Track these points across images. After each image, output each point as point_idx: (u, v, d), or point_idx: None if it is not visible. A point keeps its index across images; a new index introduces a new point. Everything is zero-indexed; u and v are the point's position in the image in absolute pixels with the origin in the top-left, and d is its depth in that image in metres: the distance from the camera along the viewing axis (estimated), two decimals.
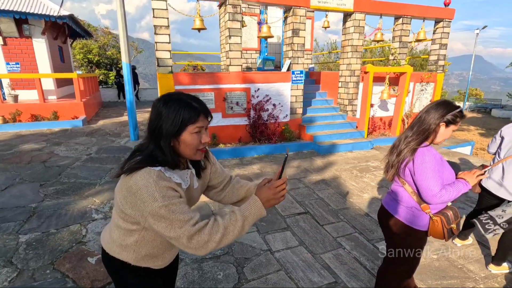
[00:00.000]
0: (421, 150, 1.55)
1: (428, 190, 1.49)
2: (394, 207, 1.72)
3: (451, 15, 7.32)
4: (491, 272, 2.50)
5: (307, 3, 5.99)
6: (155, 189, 0.96)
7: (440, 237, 1.57)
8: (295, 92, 6.44)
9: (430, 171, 1.49)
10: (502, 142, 2.36)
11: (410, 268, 1.80)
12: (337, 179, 4.66)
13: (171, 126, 1.00)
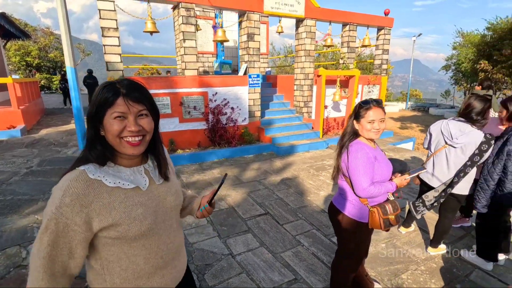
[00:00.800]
0: (354, 147, 1.69)
1: (358, 184, 1.65)
2: (340, 202, 1.85)
3: (391, 24, 8.05)
4: (430, 254, 2.79)
5: (260, 9, 6.14)
6: (61, 193, 0.83)
7: (377, 227, 1.71)
8: (252, 96, 6.53)
9: (361, 167, 1.64)
10: (431, 138, 2.66)
11: (358, 259, 1.95)
12: (295, 179, 4.82)
13: (92, 108, 0.89)
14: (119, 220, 0.89)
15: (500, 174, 2.26)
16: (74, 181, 0.85)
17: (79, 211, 0.84)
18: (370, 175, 1.65)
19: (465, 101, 2.45)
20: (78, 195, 0.84)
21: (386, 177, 1.74)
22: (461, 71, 15.87)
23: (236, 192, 4.22)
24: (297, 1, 6.56)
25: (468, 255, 2.71)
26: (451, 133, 2.41)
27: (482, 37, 12.72)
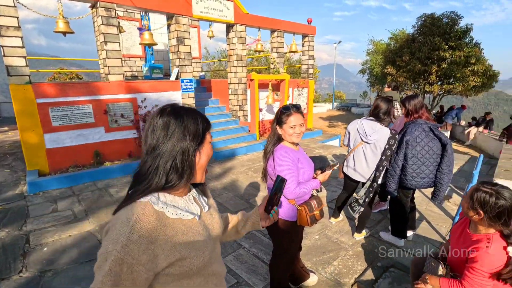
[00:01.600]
0: (278, 152, 1.78)
1: (286, 188, 1.73)
2: None
3: (314, 31, 8.77)
4: (356, 239, 3.12)
5: (189, 13, 6.03)
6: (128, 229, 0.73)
7: (305, 224, 1.84)
8: (186, 101, 6.36)
9: (287, 170, 1.74)
10: (350, 136, 2.99)
11: (293, 256, 2.07)
12: (235, 183, 4.86)
13: (196, 135, 0.85)
14: (185, 253, 0.82)
15: (402, 160, 2.66)
16: (142, 215, 0.76)
17: (146, 249, 0.75)
18: (295, 177, 1.76)
19: (374, 103, 2.83)
20: (147, 230, 0.76)
21: (310, 176, 1.88)
22: (374, 75, 18.21)
23: None
24: (226, 6, 6.65)
25: (385, 235, 3.11)
26: (365, 131, 2.74)
27: (387, 46, 14.83)
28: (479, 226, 1.55)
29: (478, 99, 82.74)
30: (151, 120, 0.84)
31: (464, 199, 1.61)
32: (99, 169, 4.99)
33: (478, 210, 1.47)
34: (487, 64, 10.17)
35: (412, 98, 2.75)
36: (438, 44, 10.17)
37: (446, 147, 2.55)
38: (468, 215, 1.56)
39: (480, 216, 1.48)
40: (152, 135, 0.83)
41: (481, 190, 1.48)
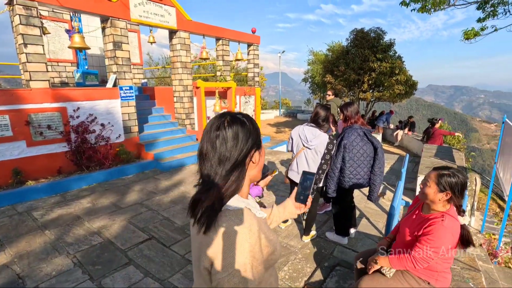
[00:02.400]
0: None
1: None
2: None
3: (258, 41, 9.00)
4: (304, 242, 3.21)
5: (127, 16, 5.67)
6: (253, 239, 0.83)
7: None
8: (127, 110, 5.92)
9: None
10: (293, 142, 3.10)
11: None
12: (183, 194, 4.64)
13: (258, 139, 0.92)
14: (274, 245, 0.91)
15: (341, 163, 2.84)
16: (250, 221, 0.84)
17: (260, 248, 0.85)
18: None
19: (314, 110, 2.98)
20: (257, 232, 0.84)
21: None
22: (315, 83, 19.44)
23: (113, 221, 3.68)
24: (168, 12, 6.43)
25: (330, 235, 3.26)
26: (306, 137, 2.87)
27: (326, 56, 16.01)
28: (434, 206, 1.72)
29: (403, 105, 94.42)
30: (218, 132, 0.86)
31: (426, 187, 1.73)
32: (19, 190, 4.31)
33: (447, 191, 1.65)
34: (408, 75, 11.63)
35: (349, 105, 2.97)
36: (368, 56, 11.32)
37: (377, 150, 2.79)
38: (435, 199, 1.69)
39: (448, 196, 1.66)
40: (224, 146, 0.86)
41: (444, 175, 1.67)
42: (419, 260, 1.64)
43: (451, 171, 1.68)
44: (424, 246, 1.64)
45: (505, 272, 3.81)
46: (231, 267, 0.78)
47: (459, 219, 1.71)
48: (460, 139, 11.32)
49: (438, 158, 5.33)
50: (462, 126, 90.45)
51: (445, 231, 1.60)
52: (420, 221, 1.78)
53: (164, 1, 6.31)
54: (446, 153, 5.86)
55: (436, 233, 1.61)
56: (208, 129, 0.89)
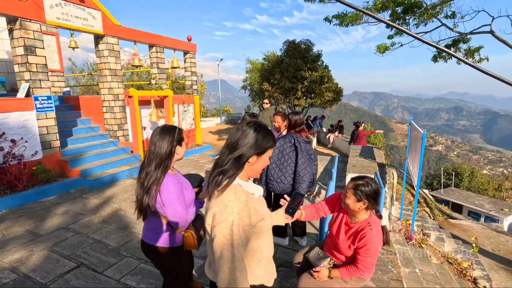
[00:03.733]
0: (165, 182, 1.64)
1: (178, 218, 1.65)
2: (152, 237, 1.78)
3: (194, 49, 8.91)
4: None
5: (41, 18, 5.05)
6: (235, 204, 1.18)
7: (192, 248, 1.79)
8: (45, 122, 5.23)
9: (176, 199, 1.64)
10: None
11: (184, 279, 1.96)
12: (117, 213, 4.27)
13: (260, 147, 1.24)
14: (263, 215, 1.23)
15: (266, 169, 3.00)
16: (240, 193, 1.19)
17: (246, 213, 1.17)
18: (184, 203, 1.69)
19: (242, 117, 3.13)
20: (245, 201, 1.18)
21: (193, 197, 1.83)
22: (254, 90, 20.03)
23: (30, 251, 3.18)
24: (92, 15, 5.92)
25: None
26: None
27: (262, 65, 16.66)
28: (358, 215, 1.87)
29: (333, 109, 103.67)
30: (243, 128, 1.23)
31: (346, 198, 1.84)
32: None
33: (363, 200, 1.78)
34: (335, 82, 12.85)
35: (295, 114, 3.09)
36: (300, 66, 12.16)
37: (297, 157, 2.90)
38: (355, 208, 1.82)
39: (365, 205, 1.80)
40: (242, 141, 1.21)
41: (359, 185, 1.79)
42: (366, 270, 1.82)
43: (365, 181, 1.79)
44: (364, 257, 1.80)
45: (417, 251, 4.47)
46: (224, 222, 1.11)
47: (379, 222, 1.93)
48: (381, 138, 12.93)
49: (362, 157, 6.00)
50: (382, 127, 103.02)
51: (376, 238, 1.79)
52: (351, 232, 1.90)
53: (87, 3, 5.80)
54: (368, 152, 6.63)
55: (370, 244, 1.77)
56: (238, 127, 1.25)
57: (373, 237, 1.79)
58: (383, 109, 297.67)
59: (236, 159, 1.20)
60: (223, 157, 1.23)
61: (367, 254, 1.79)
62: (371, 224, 1.83)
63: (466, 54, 7.76)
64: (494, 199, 16.90)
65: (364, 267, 1.82)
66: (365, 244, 1.78)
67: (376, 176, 3.70)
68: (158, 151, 1.65)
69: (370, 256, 1.79)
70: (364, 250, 1.80)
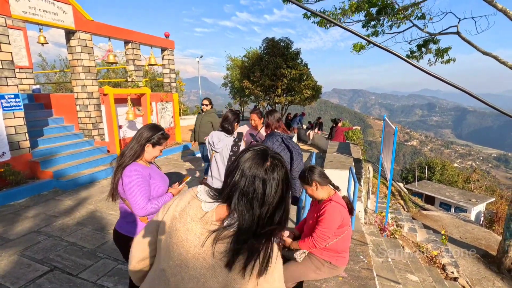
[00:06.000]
0: (128, 169, 1.74)
1: (136, 204, 1.71)
2: (124, 227, 1.85)
3: (172, 45, 8.75)
4: None
5: (5, 11, 4.78)
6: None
7: None
8: (12, 122, 4.97)
9: (137, 187, 1.71)
10: (207, 148, 3.19)
11: None
12: (93, 214, 4.16)
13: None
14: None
15: None
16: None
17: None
18: (146, 193, 1.74)
19: (224, 115, 3.11)
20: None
21: (163, 191, 1.89)
22: (235, 87, 19.96)
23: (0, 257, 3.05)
24: (62, 10, 5.67)
25: None
26: (213, 142, 2.99)
27: (242, 62, 16.65)
28: (321, 195, 2.07)
29: (313, 106, 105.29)
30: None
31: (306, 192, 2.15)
32: None
33: (312, 183, 2.03)
34: (314, 80, 13.09)
35: (271, 113, 3.12)
36: (279, 63, 12.28)
37: (292, 154, 2.94)
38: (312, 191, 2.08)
39: (316, 185, 2.03)
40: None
41: (304, 176, 2.09)
42: (316, 238, 1.93)
43: (306, 170, 2.11)
44: (319, 227, 1.96)
45: (391, 242, 4.70)
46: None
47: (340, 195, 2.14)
48: (359, 134, 13.34)
49: (339, 153, 6.18)
50: (361, 123, 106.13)
51: (334, 210, 1.94)
52: (316, 209, 2.10)
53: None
54: (345, 148, 6.84)
55: (326, 214, 1.96)
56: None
57: (330, 209, 1.95)
58: (362, 106, 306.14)
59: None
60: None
61: (322, 224, 1.94)
62: (332, 199, 2.02)
63: (436, 54, 8.17)
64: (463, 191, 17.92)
65: (317, 235, 1.95)
66: (322, 214, 1.97)
67: (350, 170, 3.84)
68: (136, 139, 1.80)
69: (325, 226, 1.93)
70: (320, 220, 1.96)
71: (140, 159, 1.83)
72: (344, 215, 1.99)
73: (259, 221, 0.86)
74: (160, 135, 1.85)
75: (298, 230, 2.36)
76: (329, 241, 1.95)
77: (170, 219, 0.93)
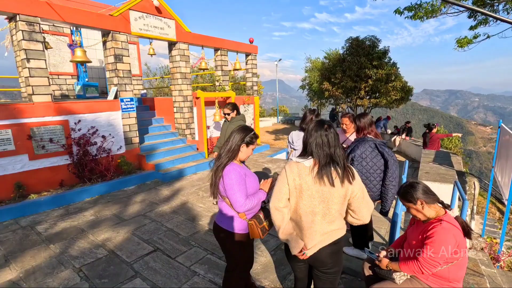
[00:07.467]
0: (227, 169, 1.87)
1: (236, 202, 1.83)
2: (223, 221, 1.98)
3: (256, 50, 9.14)
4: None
5: (127, 29, 5.77)
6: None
7: (257, 236, 1.93)
8: (127, 121, 5.97)
9: (236, 185, 1.83)
10: (289, 146, 3.23)
11: (247, 268, 2.11)
12: (185, 205, 4.65)
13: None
14: None
15: None
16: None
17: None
18: (244, 191, 1.86)
19: (303, 115, 3.15)
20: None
21: (257, 188, 2.00)
22: (312, 90, 19.62)
23: (117, 233, 3.68)
24: (167, 24, 6.54)
25: (349, 250, 3.12)
26: (292, 140, 3.01)
27: (323, 64, 16.21)
28: (427, 215, 1.83)
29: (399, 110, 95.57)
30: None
31: (408, 211, 1.92)
32: (22, 204, 4.30)
33: (417, 201, 1.81)
34: (403, 81, 11.81)
35: (363, 115, 2.90)
36: (364, 64, 11.50)
37: (387, 163, 2.68)
38: (416, 210, 1.85)
39: (422, 204, 1.80)
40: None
41: (407, 192, 1.85)
42: (423, 264, 1.69)
43: (407, 186, 1.88)
44: (427, 250, 1.71)
45: (508, 276, 3.84)
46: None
47: (452, 215, 1.84)
48: (456, 143, 11.44)
49: (437, 163, 5.41)
50: (458, 129, 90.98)
51: (446, 233, 1.67)
52: (421, 228, 1.86)
53: (164, 14, 6.43)
54: (444, 158, 5.94)
55: (436, 237, 1.70)
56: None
57: (441, 231, 1.70)
58: (460, 109, 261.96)
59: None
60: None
61: (431, 248, 1.70)
62: (442, 220, 1.76)
63: None
64: None
65: (424, 261, 1.71)
66: (430, 237, 1.73)
67: (456, 185, 3.29)
68: (231, 141, 1.93)
69: (434, 251, 1.68)
70: (429, 243, 1.72)
71: (235, 159, 1.95)
72: (459, 238, 1.70)
73: (332, 156, 1.64)
74: (252, 134, 1.99)
75: (395, 248, 2.14)
76: (438, 267, 1.70)
77: (292, 182, 1.67)
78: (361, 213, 1.68)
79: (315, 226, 1.65)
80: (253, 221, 1.89)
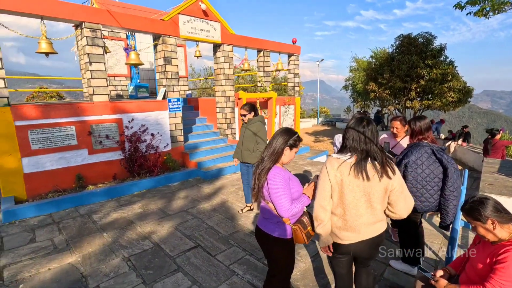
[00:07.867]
0: (272, 173, 1.82)
1: (282, 207, 1.77)
2: (266, 225, 1.95)
3: (298, 51, 9.00)
4: None
5: (176, 33, 6.06)
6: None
7: (301, 242, 1.86)
8: (174, 120, 6.27)
9: (281, 190, 1.78)
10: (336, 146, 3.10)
11: (289, 273, 2.05)
12: (225, 203, 4.74)
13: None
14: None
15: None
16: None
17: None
18: (289, 195, 1.80)
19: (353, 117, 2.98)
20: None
21: (300, 192, 1.93)
22: (356, 91, 18.78)
23: (162, 227, 3.87)
24: (213, 27, 6.74)
25: (396, 264, 2.92)
26: (336, 142, 2.87)
27: (369, 64, 15.44)
28: (499, 236, 1.59)
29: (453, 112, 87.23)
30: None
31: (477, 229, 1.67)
32: (81, 194, 4.75)
33: (487, 220, 1.58)
34: (462, 81, 10.73)
35: (419, 119, 2.67)
36: (416, 63, 10.67)
37: (447, 171, 2.42)
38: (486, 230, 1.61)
39: (494, 223, 1.57)
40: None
41: (474, 210, 1.63)
42: None
43: (474, 202, 1.65)
44: (497, 276, 1.50)
45: None
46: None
47: None
48: None
49: (502, 174, 4.78)
50: None
51: None
52: (490, 250, 1.63)
53: (210, 17, 6.64)
54: (511, 168, 5.24)
55: (510, 261, 1.49)
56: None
57: None
58: None
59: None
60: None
61: (502, 275, 1.48)
62: None
63: None
64: None
65: (490, 286, 1.50)
66: (502, 262, 1.51)
67: None
68: (274, 144, 1.88)
69: (505, 278, 1.47)
70: (499, 268, 1.51)
71: (278, 162, 1.90)
72: None
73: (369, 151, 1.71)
74: (296, 137, 1.93)
75: (454, 268, 1.92)
76: None
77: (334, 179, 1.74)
78: (397, 207, 1.72)
79: (359, 219, 1.72)
80: (298, 226, 1.84)
